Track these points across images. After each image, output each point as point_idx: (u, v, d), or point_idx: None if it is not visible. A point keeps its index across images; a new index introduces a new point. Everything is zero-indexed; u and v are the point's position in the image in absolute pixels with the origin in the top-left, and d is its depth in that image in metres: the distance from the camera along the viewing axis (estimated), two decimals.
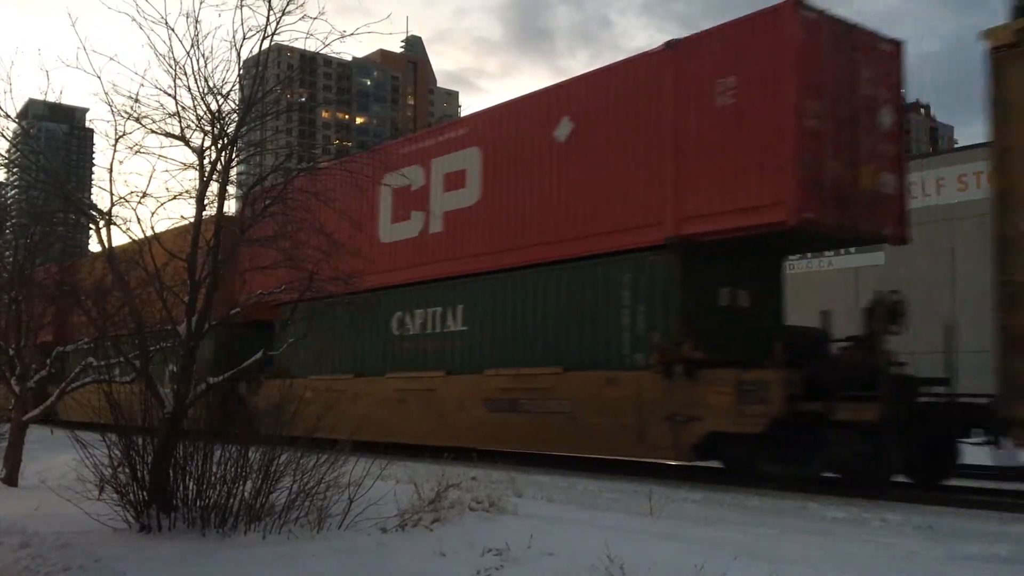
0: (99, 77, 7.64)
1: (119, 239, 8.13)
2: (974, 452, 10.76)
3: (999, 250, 9.15)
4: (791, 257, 15.43)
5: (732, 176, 11.13)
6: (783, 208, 10.62)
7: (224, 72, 7.67)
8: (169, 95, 7.57)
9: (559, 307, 13.15)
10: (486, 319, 14.40)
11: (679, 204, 11.61)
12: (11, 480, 10.86)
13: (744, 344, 11.38)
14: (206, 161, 7.69)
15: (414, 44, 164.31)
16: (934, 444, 10.48)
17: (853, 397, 10.00)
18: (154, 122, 7.66)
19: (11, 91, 8.64)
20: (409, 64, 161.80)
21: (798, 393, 10.35)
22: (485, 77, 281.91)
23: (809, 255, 24.15)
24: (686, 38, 12.09)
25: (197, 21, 7.46)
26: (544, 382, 12.94)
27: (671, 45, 12.07)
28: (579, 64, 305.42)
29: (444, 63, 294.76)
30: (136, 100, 7.63)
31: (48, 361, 11.92)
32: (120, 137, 7.72)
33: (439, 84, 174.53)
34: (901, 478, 10.46)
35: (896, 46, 12.04)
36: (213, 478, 7.20)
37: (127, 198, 7.75)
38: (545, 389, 12.92)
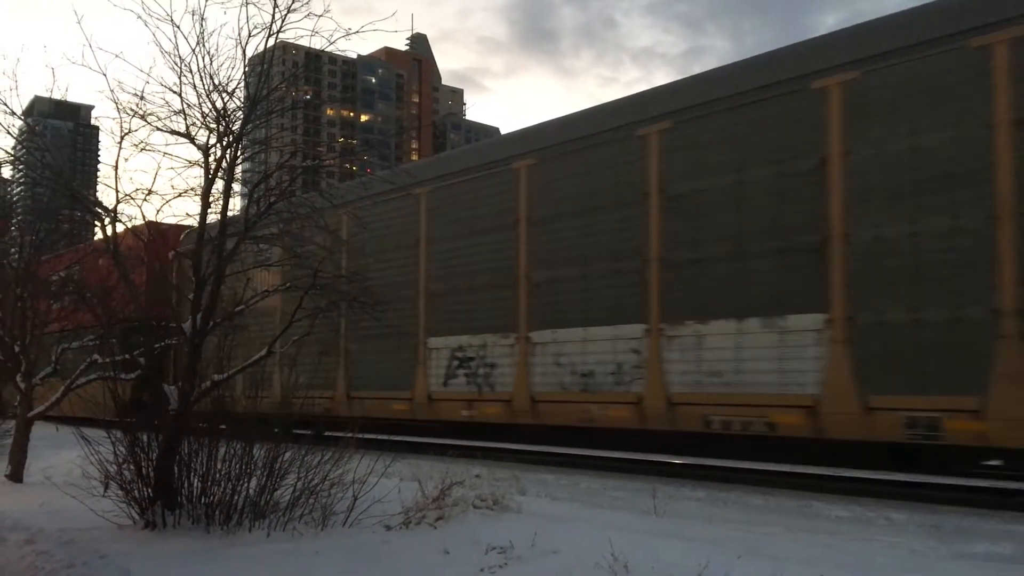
0: (104, 74, 7.66)
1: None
2: None
3: None
4: None
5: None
6: None
7: (229, 70, 7.71)
8: (174, 92, 7.60)
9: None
10: None
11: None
12: (16, 477, 10.90)
13: None
14: (211, 158, 7.70)
15: (419, 42, 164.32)
16: None
17: None
18: (159, 119, 7.68)
19: (17, 88, 8.66)
20: (414, 62, 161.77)
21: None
22: (490, 76, 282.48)
23: None
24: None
25: (203, 18, 7.48)
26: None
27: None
28: (583, 63, 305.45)
29: (449, 62, 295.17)
30: (141, 97, 7.65)
31: (54, 358, 11.96)
32: (125, 134, 7.74)
33: (444, 82, 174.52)
34: None
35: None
36: (218, 475, 7.22)
37: (132, 195, 7.77)
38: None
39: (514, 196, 13.77)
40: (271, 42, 7.77)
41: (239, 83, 7.78)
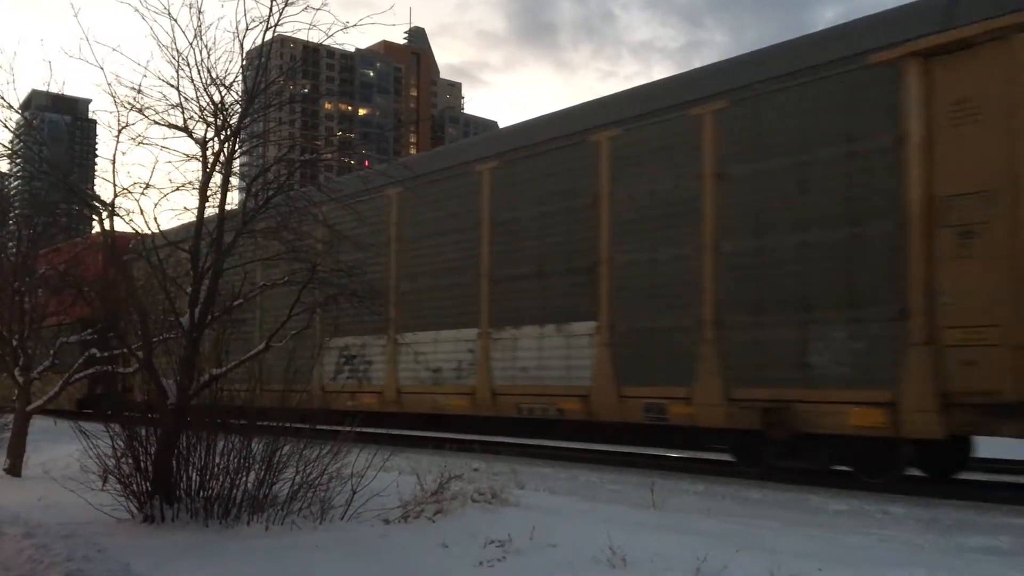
0: (102, 68, 7.62)
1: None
2: None
3: None
4: None
5: None
6: None
7: (227, 63, 7.64)
8: (172, 86, 7.55)
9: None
10: None
11: None
12: (15, 471, 10.91)
13: None
14: (209, 152, 7.67)
15: (417, 35, 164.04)
16: None
17: None
18: (157, 113, 7.63)
19: (14, 82, 8.63)
20: (412, 55, 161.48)
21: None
22: (488, 70, 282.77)
23: None
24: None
25: (200, 12, 7.44)
26: None
27: None
28: (582, 57, 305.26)
29: (447, 56, 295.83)
30: (139, 91, 7.60)
31: (52, 352, 11.95)
32: (123, 128, 7.69)
33: (442, 76, 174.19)
34: None
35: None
36: (216, 469, 7.23)
37: (130, 189, 7.73)
38: None
39: (387, 218, 15.91)
40: (269, 35, 7.74)
41: (236, 77, 7.75)
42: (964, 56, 9.10)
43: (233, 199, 8.46)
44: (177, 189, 7.78)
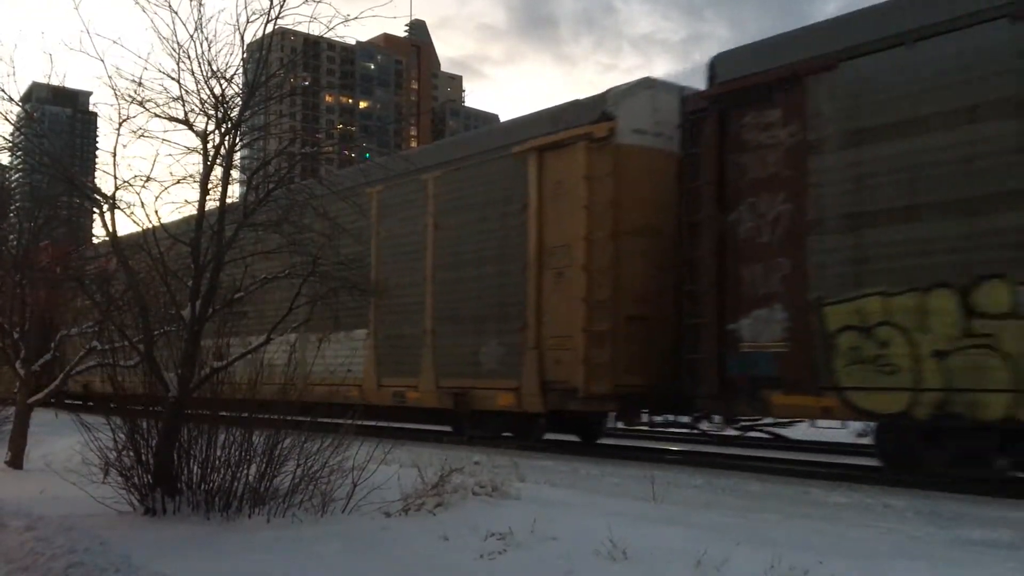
0: (102, 60, 7.57)
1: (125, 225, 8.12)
2: None
3: None
4: None
5: None
6: None
7: (228, 56, 7.61)
8: (172, 79, 7.51)
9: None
10: None
11: None
12: (16, 463, 10.92)
13: None
14: (210, 145, 7.65)
15: (418, 28, 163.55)
16: None
17: None
18: (157, 106, 7.59)
19: (14, 74, 8.62)
20: (413, 48, 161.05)
21: None
22: (489, 63, 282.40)
23: None
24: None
25: (200, 4, 7.40)
26: None
27: None
28: (583, 50, 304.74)
29: (447, 49, 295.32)
30: (139, 84, 7.56)
31: (52, 345, 11.95)
32: (123, 121, 7.66)
33: (442, 70, 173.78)
34: None
35: None
36: (217, 462, 7.24)
37: (131, 182, 7.72)
38: None
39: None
40: (269, 28, 7.72)
41: (237, 69, 7.73)
42: (559, 152, 13.50)
43: (234, 192, 8.46)
44: (178, 182, 7.77)
